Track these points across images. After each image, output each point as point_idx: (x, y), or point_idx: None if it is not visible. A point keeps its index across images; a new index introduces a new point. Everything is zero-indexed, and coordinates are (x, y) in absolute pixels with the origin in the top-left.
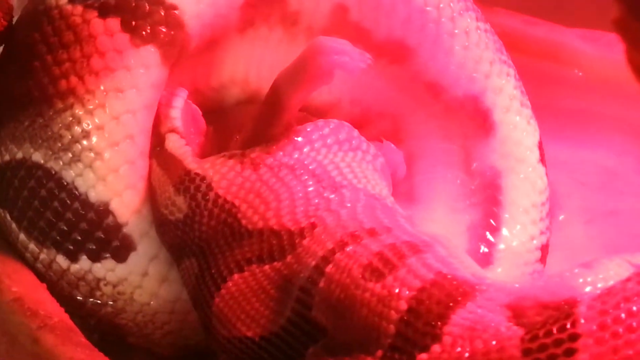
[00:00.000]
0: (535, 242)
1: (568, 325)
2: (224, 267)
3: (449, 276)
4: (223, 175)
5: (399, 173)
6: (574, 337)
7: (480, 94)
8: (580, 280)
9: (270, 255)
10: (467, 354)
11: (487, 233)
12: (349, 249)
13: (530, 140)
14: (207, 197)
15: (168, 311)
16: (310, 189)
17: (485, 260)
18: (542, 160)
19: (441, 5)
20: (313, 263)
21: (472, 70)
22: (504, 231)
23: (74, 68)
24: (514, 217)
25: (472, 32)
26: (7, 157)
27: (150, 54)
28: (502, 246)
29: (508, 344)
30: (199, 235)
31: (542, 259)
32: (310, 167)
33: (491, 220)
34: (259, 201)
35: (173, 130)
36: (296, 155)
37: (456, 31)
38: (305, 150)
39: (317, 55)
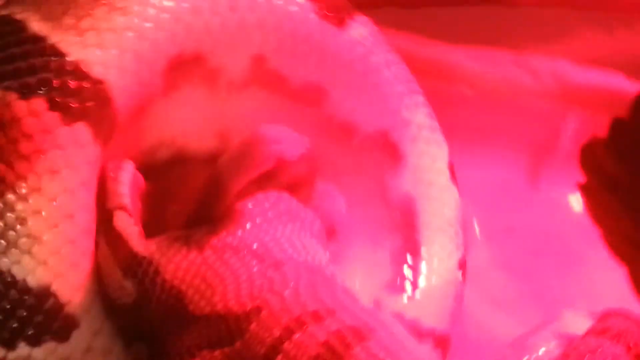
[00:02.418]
0: (454, 258)
1: None
2: (175, 353)
3: None
4: (169, 259)
5: (339, 218)
6: None
7: (390, 128)
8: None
9: (219, 341)
10: None
11: (409, 257)
12: (296, 337)
13: (440, 163)
14: (155, 282)
15: None
16: (254, 269)
17: (412, 285)
18: (453, 178)
19: (353, 47)
20: (262, 352)
21: (382, 107)
22: (424, 252)
23: (1, 155)
24: (431, 237)
25: (382, 69)
26: None
27: (82, 130)
28: (424, 267)
29: None
30: (149, 320)
31: (463, 277)
32: (252, 247)
33: (411, 245)
34: (204, 286)
35: (121, 208)
36: (239, 234)
37: (367, 71)
38: (247, 227)
39: (258, 145)
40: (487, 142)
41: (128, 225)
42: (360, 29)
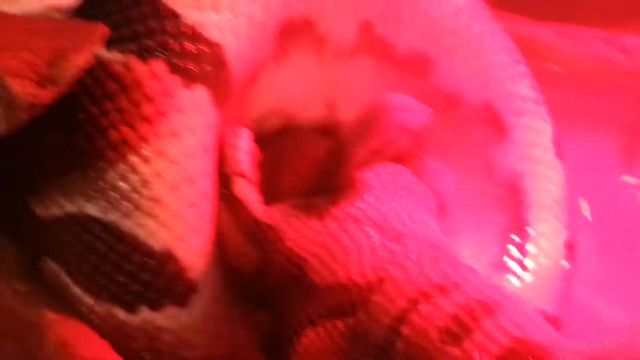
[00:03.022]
0: (561, 237)
1: None
2: (296, 322)
3: (524, 341)
4: (291, 226)
5: (447, 196)
6: None
7: (494, 99)
8: None
9: (341, 311)
10: None
11: (516, 236)
12: (422, 308)
13: (545, 138)
14: (277, 249)
15: (228, 353)
16: (375, 240)
17: (519, 265)
18: (559, 154)
19: (457, 14)
20: (388, 322)
21: (487, 77)
22: (531, 231)
23: (123, 117)
24: (539, 215)
25: (486, 38)
26: (56, 211)
27: (202, 93)
28: (531, 247)
29: None
30: (271, 288)
31: (570, 258)
32: (373, 217)
33: (518, 223)
34: (326, 255)
35: (240, 174)
36: (358, 205)
37: (471, 39)
38: (366, 198)
39: (384, 113)
40: (578, 122)
41: (248, 192)
42: None
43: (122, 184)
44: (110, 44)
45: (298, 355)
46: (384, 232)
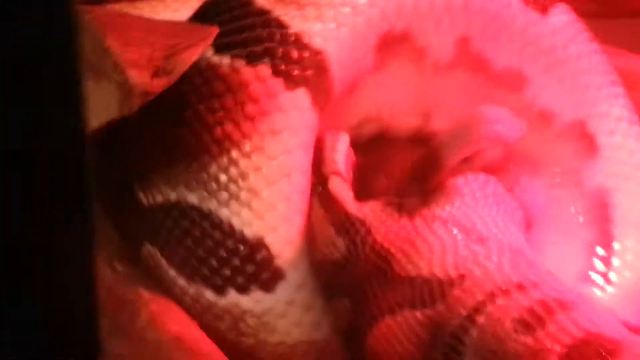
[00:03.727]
0: None
1: None
2: (377, 309)
3: (597, 335)
4: (381, 222)
5: (537, 214)
6: None
7: (587, 118)
8: None
9: (422, 302)
10: None
11: (603, 250)
12: (499, 301)
13: (637, 157)
14: (366, 241)
15: (308, 340)
16: (460, 242)
17: (604, 278)
18: None
19: (554, 34)
20: (464, 313)
21: (581, 97)
22: (617, 246)
23: (228, 116)
24: (626, 231)
25: (583, 58)
26: (159, 199)
27: (303, 96)
28: (616, 262)
29: None
30: (354, 277)
31: None
32: (460, 221)
33: (604, 238)
34: (412, 250)
35: (336, 173)
36: (447, 209)
37: (567, 58)
38: (456, 203)
39: (479, 124)
40: None
41: (343, 189)
42: (562, 17)
43: (222, 176)
44: (220, 48)
45: (375, 339)
46: (469, 234)
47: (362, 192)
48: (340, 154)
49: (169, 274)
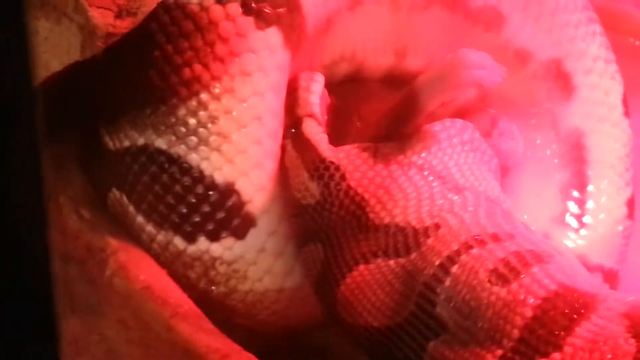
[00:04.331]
0: (622, 195)
1: None
2: (350, 257)
3: (571, 288)
4: (356, 167)
5: (515, 159)
6: None
7: (563, 57)
8: None
9: (396, 251)
10: None
11: (577, 192)
12: (473, 251)
13: (613, 97)
14: (340, 187)
15: (278, 288)
16: (436, 190)
17: (580, 221)
18: (626, 113)
19: None
20: (438, 262)
21: (558, 35)
22: (592, 188)
23: (197, 56)
24: (601, 173)
25: None
26: (126, 143)
27: (274, 35)
28: (591, 204)
29: (623, 359)
30: (327, 223)
31: (630, 215)
32: (436, 168)
33: (580, 180)
34: (387, 197)
35: (310, 116)
36: (424, 155)
37: None
38: (433, 149)
39: (459, 68)
40: None
41: (317, 132)
42: None
43: (191, 120)
44: None
45: (348, 288)
46: (445, 182)
47: (336, 136)
48: (315, 95)
49: (136, 221)
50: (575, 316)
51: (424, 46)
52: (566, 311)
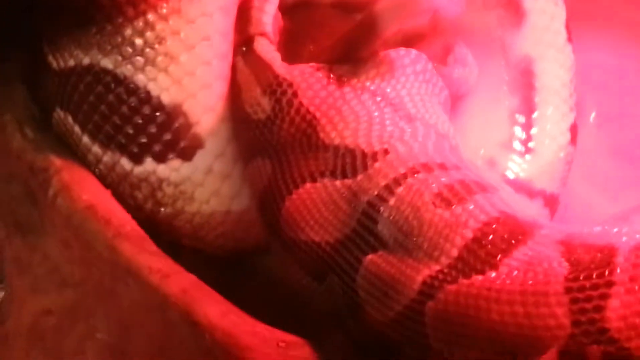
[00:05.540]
0: (565, 121)
1: (606, 273)
2: (298, 175)
3: (512, 216)
4: (309, 85)
5: (467, 88)
6: (609, 284)
7: None
8: (616, 229)
9: (343, 172)
10: (517, 283)
11: (523, 118)
12: (420, 175)
13: (558, 22)
14: (292, 103)
15: (224, 210)
16: (387, 116)
17: (526, 146)
18: (569, 38)
19: None
20: (384, 183)
21: None
22: (537, 114)
23: None
24: (547, 99)
25: None
26: (71, 63)
27: None
28: (537, 130)
29: (554, 279)
30: (277, 139)
31: (573, 141)
32: (389, 96)
33: (527, 106)
34: (338, 118)
35: (263, 34)
36: (377, 82)
37: None
38: (386, 77)
39: None
40: (605, 27)
41: (269, 50)
42: None
43: (138, 40)
44: None
45: (293, 204)
46: (397, 110)
47: (289, 58)
48: (268, 16)
49: (82, 141)
50: (513, 241)
51: None
52: (505, 236)
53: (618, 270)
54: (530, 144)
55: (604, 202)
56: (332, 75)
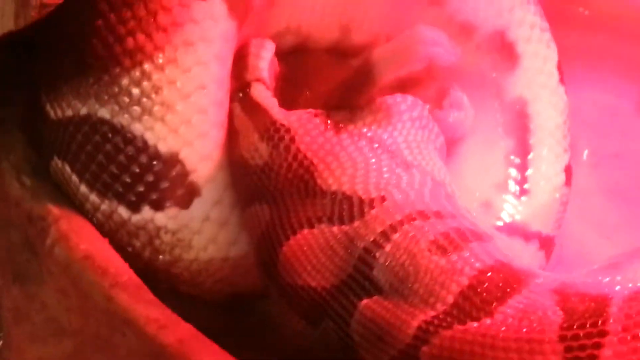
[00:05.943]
0: (560, 162)
1: (600, 322)
2: (295, 220)
3: (507, 264)
4: (307, 131)
5: (461, 132)
6: (602, 334)
7: (506, 27)
8: (609, 279)
9: (340, 218)
10: (512, 330)
11: (520, 160)
12: (416, 222)
13: (550, 64)
14: (289, 149)
15: (222, 257)
16: (384, 163)
17: (519, 189)
18: (562, 80)
19: None
20: (380, 229)
21: (499, 6)
22: (533, 156)
23: (140, 26)
24: (541, 141)
25: None
26: (69, 113)
27: (218, 6)
28: (532, 171)
29: (549, 328)
30: (275, 185)
31: (568, 182)
32: (386, 142)
33: (522, 148)
34: (335, 164)
35: (259, 80)
36: (374, 128)
37: None
38: (383, 123)
39: (416, 43)
40: (598, 66)
41: (266, 96)
42: None
43: (135, 90)
44: None
45: (290, 249)
46: (393, 157)
47: (285, 104)
48: (264, 61)
49: (79, 190)
50: (508, 289)
51: (369, 21)
52: (500, 284)
53: (611, 320)
54: (526, 186)
55: (598, 241)
56: (329, 122)
